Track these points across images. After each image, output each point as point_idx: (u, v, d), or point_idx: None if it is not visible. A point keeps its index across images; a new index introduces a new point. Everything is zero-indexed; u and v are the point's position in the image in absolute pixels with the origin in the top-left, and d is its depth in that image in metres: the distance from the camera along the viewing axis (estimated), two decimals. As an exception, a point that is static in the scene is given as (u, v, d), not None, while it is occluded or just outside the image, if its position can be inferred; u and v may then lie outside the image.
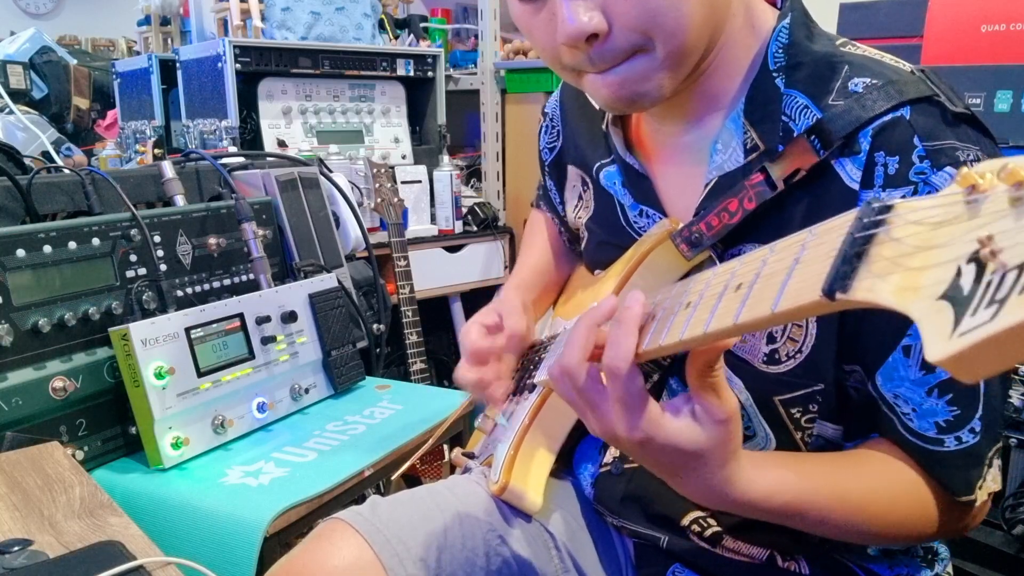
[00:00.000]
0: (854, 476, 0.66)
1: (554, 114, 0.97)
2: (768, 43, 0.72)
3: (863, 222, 0.37)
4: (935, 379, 0.64)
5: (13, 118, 2.10)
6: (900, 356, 0.65)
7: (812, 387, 0.70)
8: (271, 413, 1.26)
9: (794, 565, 0.75)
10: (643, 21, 0.64)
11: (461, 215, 2.45)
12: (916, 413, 0.65)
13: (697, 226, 0.72)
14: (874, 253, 0.36)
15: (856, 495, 0.64)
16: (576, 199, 0.93)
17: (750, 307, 0.44)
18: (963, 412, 0.64)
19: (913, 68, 0.68)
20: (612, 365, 0.54)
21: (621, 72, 0.68)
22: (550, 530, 0.84)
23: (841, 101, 0.67)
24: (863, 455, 0.68)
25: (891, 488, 0.66)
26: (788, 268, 0.42)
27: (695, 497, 0.60)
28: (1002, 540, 1.30)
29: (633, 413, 0.55)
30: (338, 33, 2.26)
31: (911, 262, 0.33)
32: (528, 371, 0.87)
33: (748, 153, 0.72)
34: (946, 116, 0.65)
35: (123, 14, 3.70)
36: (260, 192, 1.50)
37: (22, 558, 0.68)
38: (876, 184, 0.65)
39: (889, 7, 1.62)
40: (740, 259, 0.49)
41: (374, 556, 0.72)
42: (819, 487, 0.63)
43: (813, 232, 0.42)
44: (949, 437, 0.65)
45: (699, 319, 0.48)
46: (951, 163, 0.63)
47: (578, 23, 0.64)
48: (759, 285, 0.44)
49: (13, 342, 1.05)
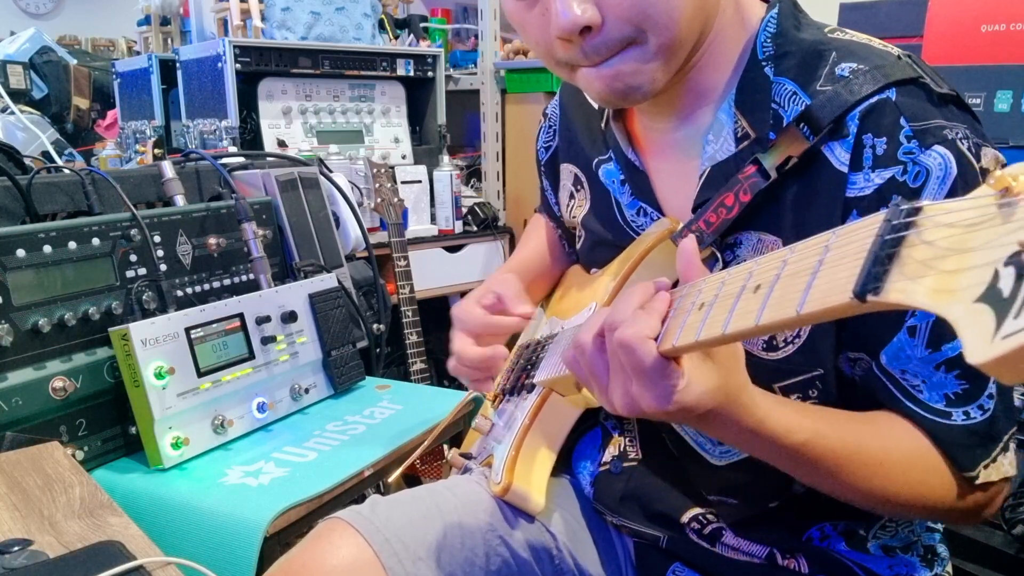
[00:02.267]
0: (871, 430, 0.65)
1: (553, 115, 0.97)
2: (757, 34, 0.72)
3: (892, 224, 0.37)
4: (942, 356, 0.64)
5: (13, 118, 2.10)
6: (905, 337, 0.65)
7: (811, 373, 0.70)
8: (271, 413, 1.26)
9: (793, 563, 0.75)
10: (635, 13, 0.65)
11: (461, 215, 2.45)
12: (926, 385, 0.65)
13: (696, 224, 0.73)
14: (905, 255, 0.36)
15: (874, 448, 0.64)
16: (568, 198, 0.94)
17: (772, 308, 0.44)
18: (972, 387, 0.64)
19: (900, 53, 0.69)
20: (626, 339, 0.53)
21: (614, 64, 0.68)
22: (551, 530, 0.84)
23: (829, 86, 0.67)
24: (878, 415, 0.68)
25: (907, 449, 0.65)
26: (812, 269, 0.42)
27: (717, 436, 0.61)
28: (1002, 540, 1.30)
29: (657, 384, 0.54)
30: (338, 33, 2.26)
31: (945, 264, 0.33)
32: (526, 371, 0.87)
33: (739, 142, 0.72)
34: (931, 97, 0.65)
35: (123, 14, 3.70)
36: (260, 192, 1.50)
37: (22, 558, 0.68)
38: (865, 166, 0.65)
39: (889, 7, 1.62)
40: (756, 260, 0.49)
41: (373, 555, 0.72)
42: (838, 432, 0.62)
43: (836, 233, 0.42)
44: (957, 411, 0.64)
45: (716, 319, 0.48)
46: (938, 142, 0.63)
47: (571, 15, 0.65)
48: (781, 286, 0.44)
49: (13, 342, 1.05)
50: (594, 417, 0.88)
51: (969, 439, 0.65)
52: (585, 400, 0.82)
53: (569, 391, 0.80)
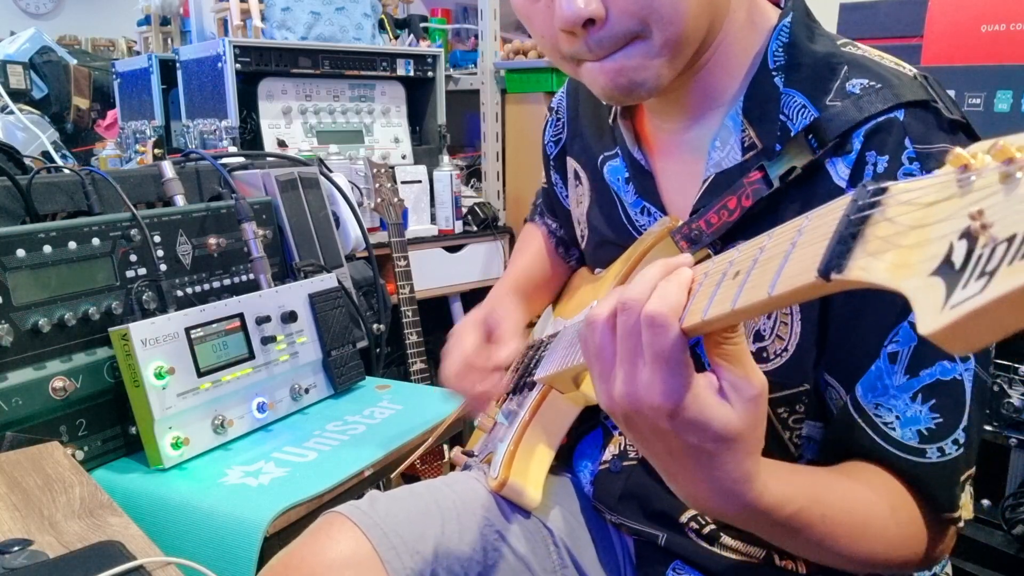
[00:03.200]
0: (852, 486, 0.62)
1: (560, 107, 0.97)
2: (769, 41, 0.72)
3: (858, 204, 0.38)
4: (919, 383, 0.63)
5: (13, 118, 2.10)
6: (885, 364, 0.64)
7: (797, 387, 0.70)
8: (271, 413, 1.26)
9: (791, 564, 0.75)
10: (640, 7, 0.65)
11: (461, 215, 2.45)
12: (899, 421, 0.64)
13: (696, 223, 0.72)
14: (868, 233, 0.36)
15: (862, 507, 0.60)
16: (575, 192, 0.94)
17: (747, 292, 0.44)
18: (945, 420, 0.63)
19: (915, 72, 0.69)
20: (660, 313, 0.48)
21: (618, 59, 0.68)
22: (549, 527, 0.84)
23: (839, 102, 0.67)
24: (854, 466, 0.65)
25: (888, 501, 0.63)
26: (785, 252, 0.42)
27: (701, 496, 0.53)
28: (1002, 540, 1.30)
29: (674, 377, 0.48)
30: (338, 33, 2.26)
31: (904, 240, 0.34)
32: (528, 369, 0.88)
33: (745, 151, 0.72)
34: (941, 122, 0.65)
35: (123, 14, 3.70)
36: (260, 192, 1.50)
37: (22, 558, 0.68)
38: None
39: (889, 7, 1.62)
40: (738, 247, 0.48)
41: (371, 549, 0.72)
42: (829, 495, 0.59)
43: (809, 217, 0.42)
44: (932, 448, 0.63)
45: (697, 307, 0.48)
46: (940, 168, 0.63)
47: (575, 8, 0.64)
48: (756, 271, 0.44)
49: (13, 342, 1.05)
50: (595, 417, 0.88)
51: (948, 478, 0.63)
52: (584, 397, 0.82)
53: (568, 388, 0.80)
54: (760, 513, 0.54)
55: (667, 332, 0.47)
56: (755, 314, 0.46)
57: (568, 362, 0.73)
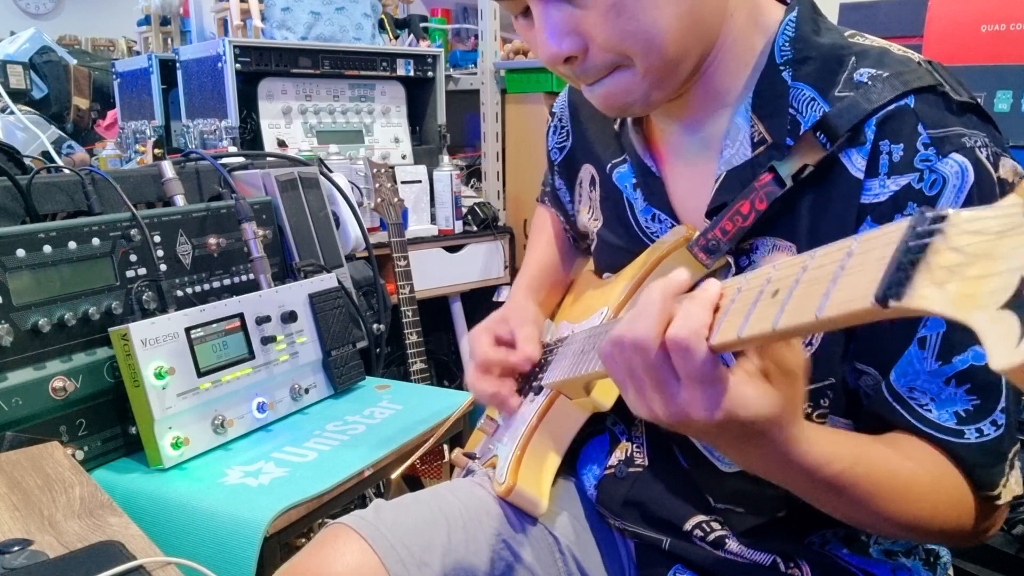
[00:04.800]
0: (897, 452, 0.63)
1: (563, 113, 0.97)
2: (775, 37, 0.72)
3: (917, 230, 0.37)
4: (952, 369, 0.63)
5: (13, 118, 2.10)
6: (915, 350, 0.64)
7: (823, 382, 0.69)
8: (271, 413, 1.26)
9: (797, 572, 0.75)
10: (616, 41, 0.66)
11: (461, 215, 2.45)
12: (935, 403, 0.64)
13: (713, 232, 0.72)
14: (930, 262, 0.35)
15: (905, 471, 0.61)
16: (586, 199, 0.94)
17: (790, 313, 0.43)
18: (983, 402, 0.63)
19: (920, 59, 0.69)
20: (683, 337, 0.49)
21: (606, 85, 0.70)
22: (554, 534, 0.83)
23: (848, 92, 0.67)
24: (898, 437, 0.65)
25: (931, 469, 0.63)
26: (832, 275, 0.42)
27: (754, 465, 0.57)
28: (1002, 540, 1.30)
29: (712, 390, 0.50)
30: (338, 33, 2.26)
31: (969, 271, 0.33)
32: (534, 373, 0.87)
33: (755, 147, 0.72)
34: (950, 105, 0.65)
35: (123, 14, 3.71)
36: (260, 192, 1.50)
37: (22, 558, 0.68)
38: (881, 172, 0.65)
39: (889, 7, 1.62)
40: (774, 264, 0.48)
41: (378, 561, 0.72)
42: (872, 456, 0.60)
43: (858, 240, 0.42)
44: (970, 428, 0.63)
45: (731, 324, 0.47)
46: (956, 150, 0.63)
47: (553, 50, 0.67)
48: (800, 291, 0.44)
49: (13, 342, 1.05)
50: (602, 422, 0.88)
51: (986, 457, 0.63)
52: (593, 404, 0.81)
53: (577, 394, 0.80)
54: (805, 471, 0.56)
55: (694, 355, 0.49)
56: (797, 335, 0.46)
57: (580, 370, 0.73)
